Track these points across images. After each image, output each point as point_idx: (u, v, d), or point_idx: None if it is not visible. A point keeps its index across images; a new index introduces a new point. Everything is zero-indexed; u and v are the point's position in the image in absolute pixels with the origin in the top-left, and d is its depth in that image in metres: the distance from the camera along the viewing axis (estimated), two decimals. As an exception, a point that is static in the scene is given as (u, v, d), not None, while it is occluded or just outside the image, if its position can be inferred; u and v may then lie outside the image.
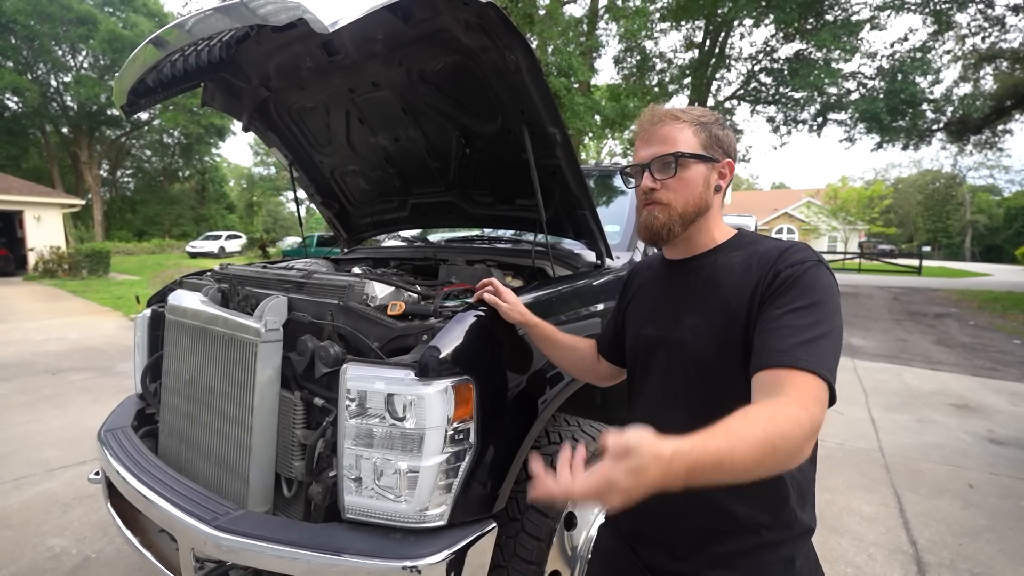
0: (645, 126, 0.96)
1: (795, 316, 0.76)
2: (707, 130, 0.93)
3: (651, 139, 0.94)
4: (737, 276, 0.87)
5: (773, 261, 0.84)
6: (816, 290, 0.79)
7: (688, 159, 0.91)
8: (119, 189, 38.38)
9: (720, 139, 0.94)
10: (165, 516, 1.32)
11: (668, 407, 0.93)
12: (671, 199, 0.92)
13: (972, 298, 12.45)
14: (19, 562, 2.21)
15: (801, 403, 0.67)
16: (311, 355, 1.36)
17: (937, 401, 4.75)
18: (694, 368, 0.89)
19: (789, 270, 0.81)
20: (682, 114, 0.94)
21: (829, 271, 0.83)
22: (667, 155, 0.91)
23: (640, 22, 12.58)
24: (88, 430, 3.59)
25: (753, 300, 0.82)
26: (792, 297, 0.79)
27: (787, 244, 0.87)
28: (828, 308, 0.78)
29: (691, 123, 0.93)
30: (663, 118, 0.94)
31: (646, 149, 0.95)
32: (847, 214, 30.17)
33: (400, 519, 1.16)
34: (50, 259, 15.81)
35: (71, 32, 26.08)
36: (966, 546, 2.45)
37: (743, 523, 0.85)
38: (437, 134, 2.03)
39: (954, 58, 14.20)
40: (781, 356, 0.73)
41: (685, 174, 0.92)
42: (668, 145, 0.92)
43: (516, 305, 1.27)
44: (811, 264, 0.81)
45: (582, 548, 1.54)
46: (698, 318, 0.90)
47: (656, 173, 0.93)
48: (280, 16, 1.23)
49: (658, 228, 0.94)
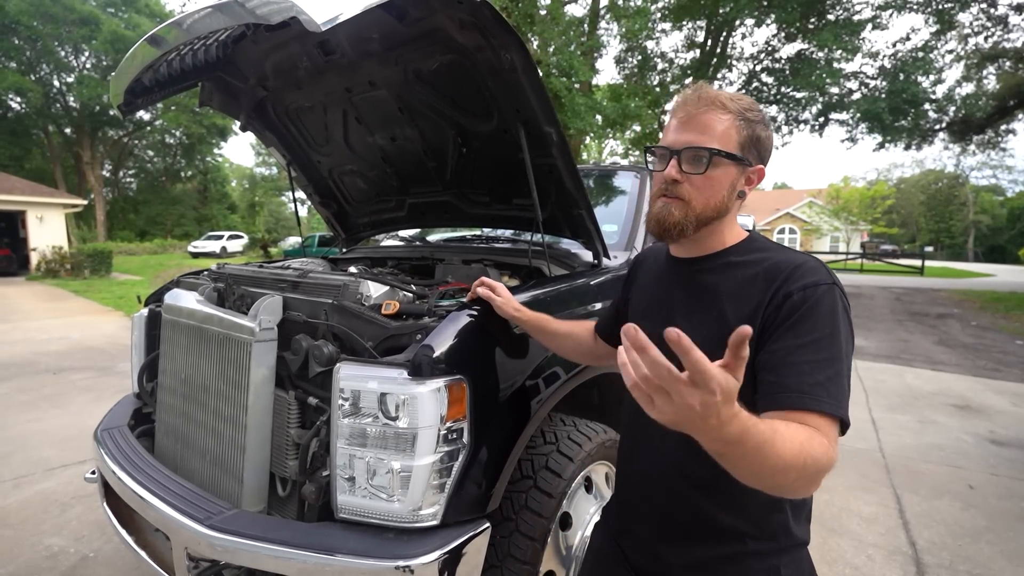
0: (689, 108, 0.86)
1: (811, 351, 0.72)
2: (750, 128, 0.85)
3: (689, 124, 0.85)
4: (740, 287, 0.82)
5: (783, 279, 0.78)
6: (831, 319, 0.74)
7: (723, 158, 0.83)
8: (121, 189, 38.51)
9: (760, 141, 0.87)
10: (159, 515, 1.32)
11: None
12: (692, 197, 0.85)
13: (975, 298, 12.41)
14: (17, 561, 2.22)
15: (827, 444, 0.66)
16: (305, 354, 1.36)
17: (938, 402, 4.73)
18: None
19: (802, 294, 0.75)
20: (730, 103, 0.85)
21: (842, 293, 0.78)
22: (702, 149, 0.83)
23: (641, 22, 12.56)
24: (88, 429, 3.58)
25: (755, 317, 0.77)
26: (808, 328, 0.73)
27: (799, 259, 0.81)
28: (843, 337, 0.74)
29: (736, 116, 0.84)
30: (710, 104, 0.84)
31: (681, 134, 0.86)
32: (849, 214, 30.09)
33: (393, 519, 1.16)
34: (52, 259, 15.86)
35: (74, 33, 26.16)
36: (966, 547, 2.44)
37: (726, 531, 0.84)
38: (434, 133, 2.03)
39: (956, 58, 14.14)
40: (802, 399, 0.69)
41: (715, 173, 0.84)
42: (706, 136, 0.84)
43: (510, 300, 1.26)
44: (825, 288, 0.76)
45: (577, 548, 1.53)
46: (691, 323, 0.85)
47: (685, 164, 0.85)
48: (274, 15, 1.24)
49: (670, 225, 0.87)
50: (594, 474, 1.62)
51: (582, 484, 1.56)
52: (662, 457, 0.89)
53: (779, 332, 0.75)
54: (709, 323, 0.83)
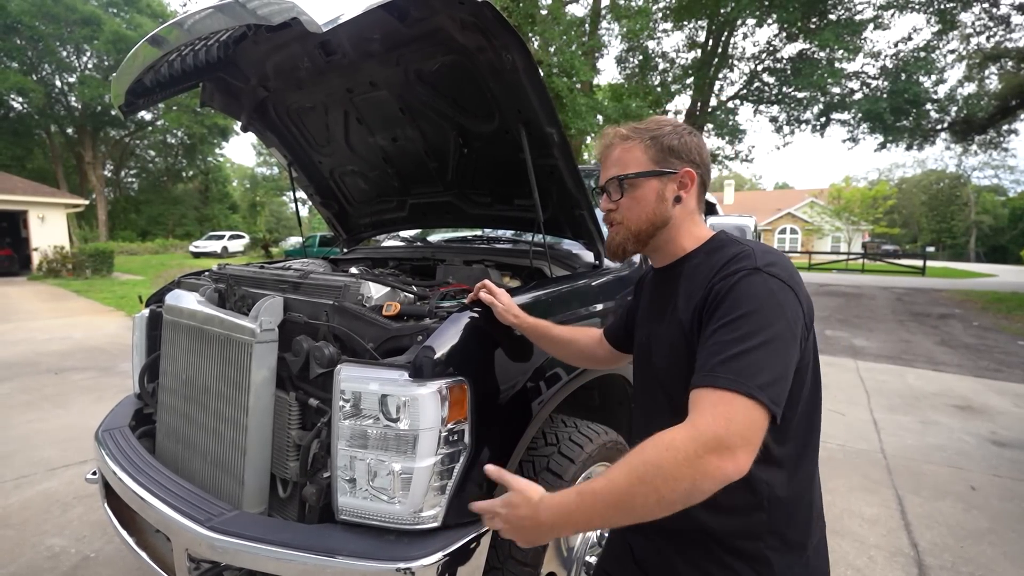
0: (601, 151, 1.00)
1: (722, 332, 0.74)
2: (658, 144, 0.92)
3: (605, 163, 0.98)
4: (691, 287, 0.87)
5: (714, 273, 0.82)
6: (747, 300, 0.75)
7: (635, 179, 0.93)
8: (123, 189, 38.58)
9: (674, 149, 0.92)
10: (160, 516, 1.32)
11: (650, 410, 0.97)
12: (624, 218, 0.95)
13: (976, 299, 12.39)
14: (18, 561, 2.22)
15: (690, 425, 0.68)
16: (306, 355, 1.36)
17: (940, 402, 4.72)
18: (658, 376, 0.92)
19: (721, 283, 0.79)
20: (633, 133, 0.95)
21: (773, 276, 0.77)
22: (613, 179, 0.95)
23: (642, 22, 12.56)
24: (89, 429, 3.56)
25: (694, 315, 0.82)
26: (723, 312, 0.76)
27: (736, 252, 0.83)
28: (761, 318, 0.73)
29: (640, 140, 0.93)
30: (613, 141, 0.97)
31: (604, 172, 0.98)
32: (851, 214, 30.05)
33: (394, 520, 1.16)
34: (54, 259, 15.88)
35: (75, 33, 26.21)
36: (968, 549, 2.43)
37: (715, 533, 0.84)
38: (435, 134, 2.03)
39: (958, 57, 14.11)
40: (700, 377, 0.72)
41: (636, 193, 0.93)
42: (619, 167, 0.95)
43: (511, 307, 1.27)
44: (744, 273, 0.77)
45: (579, 549, 1.53)
46: (660, 327, 0.93)
47: (611, 195, 0.97)
48: (275, 16, 1.23)
49: (615, 246, 0.98)
50: (595, 475, 1.62)
51: (583, 485, 1.56)
52: None
53: (705, 321, 0.79)
54: (671, 330, 0.88)
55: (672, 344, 0.88)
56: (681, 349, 0.85)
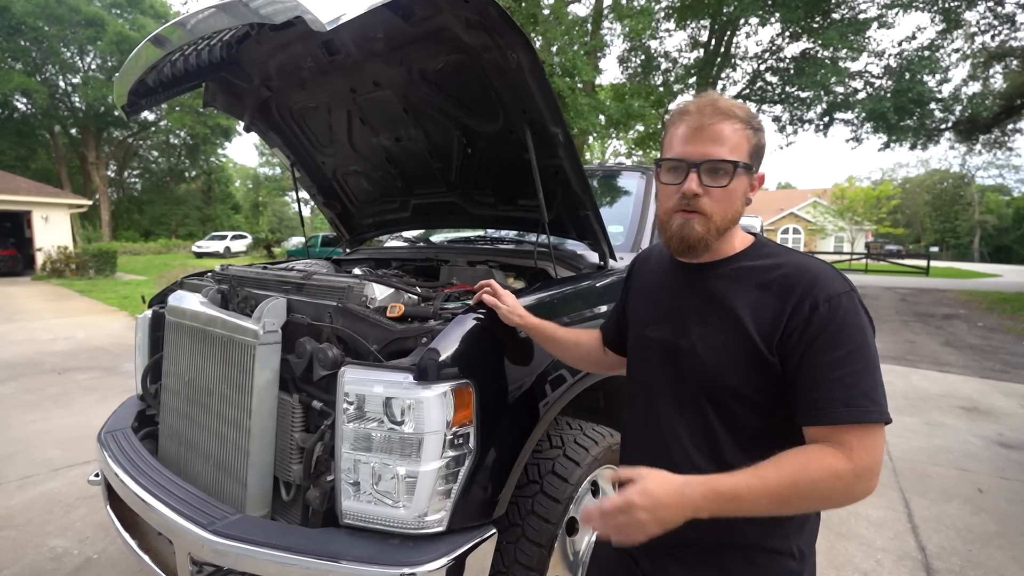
0: (704, 118, 0.82)
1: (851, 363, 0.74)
2: (757, 136, 0.84)
3: (701, 134, 0.82)
4: (754, 294, 0.82)
5: (804, 290, 0.78)
6: (862, 328, 0.77)
7: (741, 169, 0.82)
8: (126, 189, 38.68)
9: (762, 148, 0.86)
10: (162, 519, 1.31)
11: (671, 412, 0.90)
12: (713, 211, 0.83)
13: (981, 299, 12.33)
14: (21, 562, 2.21)
15: (847, 460, 0.71)
16: (309, 357, 1.35)
17: (946, 404, 4.69)
18: (702, 378, 0.85)
19: (827, 306, 0.76)
20: (739, 111, 0.83)
21: (855, 295, 0.79)
22: (724, 161, 0.81)
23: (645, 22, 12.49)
24: (93, 430, 3.56)
25: (776, 328, 0.78)
26: (844, 340, 0.75)
27: (814, 267, 0.81)
28: (870, 343, 0.77)
29: (745, 125, 0.83)
30: (724, 113, 0.82)
31: (695, 145, 0.82)
32: (854, 214, 29.95)
33: (398, 525, 1.15)
34: (57, 259, 15.93)
35: (79, 34, 26.26)
36: (976, 552, 2.40)
37: (748, 538, 0.84)
38: (439, 134, 2.01)
39: (963, 56, 14.03)
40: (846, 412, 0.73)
41: (733, 185, 0.83)
42: (723, 148, 0.81)
43: (515, 308, 1.25)
44: (847, 296, 0.78)
45: (584, 554, 1.52)
46: (706, 328, 0.85)
47: (705, 178, 0.82)
48: (278, 15, 1.22)
49: (695, 241, 0.85)
50: (601, 479, 1.60)
51: (589, 489, 1.55)
52: (655, 465, 0.89)
53: (815, 346, 0.76)
54: (725, 330, 0.83)
55: (726, 347, 0.83)
56: (745, 355, 0.81)
